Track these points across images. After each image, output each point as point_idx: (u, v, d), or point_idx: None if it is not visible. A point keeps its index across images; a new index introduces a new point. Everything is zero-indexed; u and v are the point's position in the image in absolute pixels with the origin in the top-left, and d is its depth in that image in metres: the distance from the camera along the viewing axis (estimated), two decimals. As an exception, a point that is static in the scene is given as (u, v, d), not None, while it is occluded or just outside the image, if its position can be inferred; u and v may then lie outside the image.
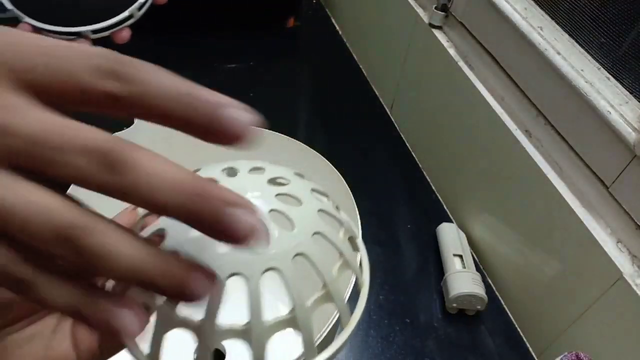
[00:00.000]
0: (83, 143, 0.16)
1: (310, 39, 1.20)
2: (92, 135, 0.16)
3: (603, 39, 0.61)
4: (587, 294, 0.61)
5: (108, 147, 0.16)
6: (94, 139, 0.16)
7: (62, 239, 0.16)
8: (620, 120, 0.56)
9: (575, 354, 0.51)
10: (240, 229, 0.17)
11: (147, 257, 0.17)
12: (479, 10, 0.75)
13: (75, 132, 0.16)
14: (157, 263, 0.17)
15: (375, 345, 0.69)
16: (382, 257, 0.79)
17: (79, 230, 0.16)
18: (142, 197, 0.16)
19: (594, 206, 0.62)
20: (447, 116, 0.85)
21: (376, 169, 0.92)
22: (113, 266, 0.17)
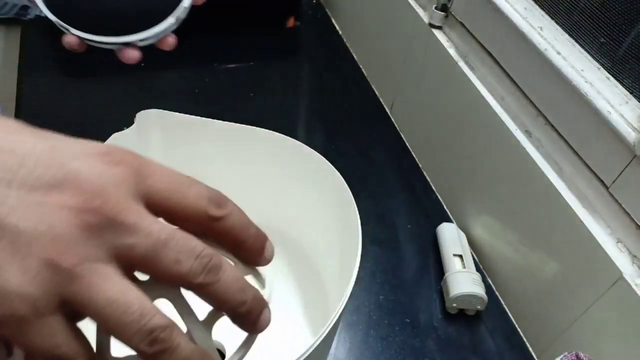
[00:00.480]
0: (194, 248, 0.22)
1: (310, 39, 1.20)
2: (199, 243, 0.23)
3: (603, 39, 0.61)
4: (587, 294, 0.61)
5: (210, 252, 0.23)
6: (201, 247, 0.23)
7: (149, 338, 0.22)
8: (620, 120, 0.56)
9: (575, 354, 0.51)
10: (264, 325, 0.28)
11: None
12: (479, 10, 0.75)
13: (188, 240, 0.22)
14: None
15: (375, 345, 0.69)
16: (382, 257, 0.79)
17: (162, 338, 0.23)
18: (222, 294, 0.24)
19: (594, 206, 0.62)
20: (447, 116, 0.85)
21: (376, 169, 0.92)
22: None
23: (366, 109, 1.05)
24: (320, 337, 0.42)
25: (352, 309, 0.72)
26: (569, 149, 0.64)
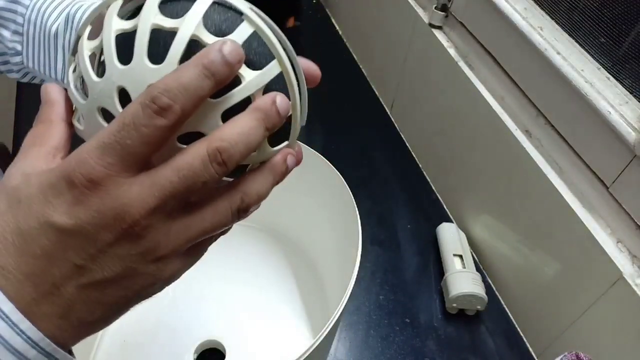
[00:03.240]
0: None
1: (310, 39, 1.20)
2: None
3: (603, 39, 0.61)
4: (587, 294, 0.61)
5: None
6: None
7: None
8: (620, 120, 0.56)
9: (575, 354, 0.51)
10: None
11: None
12: (479, 10, 0.75)
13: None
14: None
15: (375, 345, 0.69)
16: (382, 257, 0.79)
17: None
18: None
19: (594, 206, 0.62)
20: (447, 116, 0.85)
21: (376, 169, 0.92)
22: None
23: (366, 109, 1.05)
24: (320, 337, 0.42)
25: (352, 309, 0.72)
26: (569, 149, 0.64)
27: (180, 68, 0.23)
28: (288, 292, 0.69)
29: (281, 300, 0.69)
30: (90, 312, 0.26)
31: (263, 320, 0.67)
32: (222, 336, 0.64)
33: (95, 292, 0.25)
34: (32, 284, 0.24)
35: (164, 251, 0.25)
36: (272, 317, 0.67)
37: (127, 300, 0.27)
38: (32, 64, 0.43)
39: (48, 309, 0.25)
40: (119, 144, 0.23)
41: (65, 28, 0.41)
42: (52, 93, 0.28)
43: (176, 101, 0.23)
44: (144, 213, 0.24)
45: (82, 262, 0.24)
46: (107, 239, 0.24)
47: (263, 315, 0.67)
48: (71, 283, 0.25)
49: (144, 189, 0.24)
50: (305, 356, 0.41)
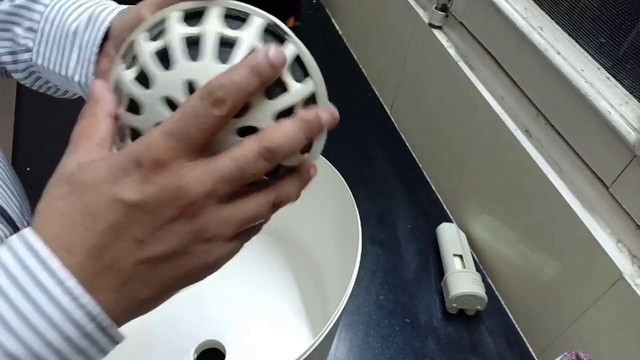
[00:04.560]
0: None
1: (310, 39, 1.20)
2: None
3: (603, 39, 0.61)
4: (587, 294, 0.61)
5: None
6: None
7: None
8: (620, 120, 0.56)
9: (575, 354, 0.51)
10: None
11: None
12: (479, 10, 0.75)
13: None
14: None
15: (375, 345, 0.69)
16: (382, 257, 0.79)
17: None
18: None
19: (594, 206, 0.62)
20: (447, 116, 0.85)
21: (376, 169, 0.92)
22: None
23: (366, 109, 1.05)
24: (320, 337, 0.42)
25: (352, 309, 0.72)
26: (569, 149, 0.64)
27: (232, 68, 0.27)
28: (288, 292, 0.70)
29: (281, 300, 0.69)
30: (142, 289, 0.28)
31: (263, 320, 0.67)
32: (222, 336, 0.64)
33: (149, 268, 0.28)
34: (94, 258, 0.27)
35: (213, 233, 0.28)
36: (272, 317, 0.67)
37: (176, 282, 0.29)
38: (41, 61, 0.43)
39: (106, 282, 0.27)
40: (181, 130, 0.26)
41: (87, 27, 0.42)
42: (97, 90, 0.31)
43: (228, 95, 0.26)
44: (201, 194, 0.27)
45: (143, 236, 0.27)
46: (168, 215, 0.27)
47: (263, 315, 0.67)
48: (130, 257, 0.27)
49: (204, 172, 0.27)
50: (305, 356, 0.41)
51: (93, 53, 0.41)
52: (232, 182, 0.27)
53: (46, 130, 0.88)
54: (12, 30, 0.44)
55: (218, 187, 0.27)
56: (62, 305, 0.26)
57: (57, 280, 0.26)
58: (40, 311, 0.25)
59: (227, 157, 0.27)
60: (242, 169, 0.27)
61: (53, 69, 0.43)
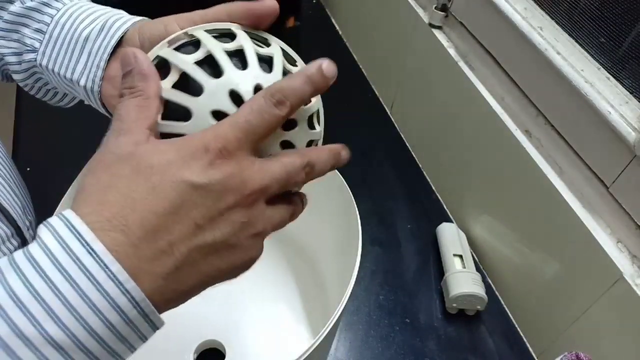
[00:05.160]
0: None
1: (310, 39, 1.20)
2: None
3: (603, 39, 0.61)
4: (587, 294, 0.61)
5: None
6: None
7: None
8: (620, 120, 0.56)
9: (575, 354, 0.51)
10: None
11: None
12: (479, 10, 0.75)
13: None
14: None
15: (375, 345, 0.69)
16: (382, 257, 0.79)
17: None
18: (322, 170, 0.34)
19: (594, 206, 0.62)
20: (447, 116, 0.85)
21: (376, 169, 0.92)
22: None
23: (366, 109, 1.05)
24: (320, 337, 0.42)
25: (352, 309, 0.72)
26: (569, 149, 0.64)
27: (291, 76, 0.31)
28: (288, 292, 0.70)
29: (281, 300, 0.69)
30: (188, 279, 0.29)
31: (263, 320, 0.67)
32: (222, 336, 0.64)
33: (200, 257, 0.28)
34: (149, 241, 0.27)
35: (260, 228, 0.30)
36: (272, 317, 0.67)
37: (218, 274, 0.30)
38: (46, 62, 0.43)
39: (157, 267, 0.27)
40: (249, 124, 0.29)
41: (99, 34, 0.42)
42: (146, 65, 0.31)
43: (288, 98, 0.30)
44: (258, 187, 0.29)
45: (202, 221, 0.28)
46: (229, 201, 0.28)
47: (263, 315, 0.67)
48: (185, 243, 0.27)
49: (262, 169, 0.29)
50: (305, 356, 0.41)
51: (103, 59, 0.41)
52: (280, 184, 0.30)
53: (46, 130, 0.88)
54: (20, 32, 0.44)
55: (270, 185, 0.29)
56: (105, 291, 0.25)
57: (101, 265, 0.25)
58: (83, 296, 0.25)
59: (278, 161, 0.30)
60: (290, 175, 0.30)
61: (58, 71, 0.43)
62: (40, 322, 0.25)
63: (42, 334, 0.25)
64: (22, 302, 0.25)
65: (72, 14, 0.44)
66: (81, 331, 0.25)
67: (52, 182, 0.56)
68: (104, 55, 0.41)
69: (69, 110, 0.53)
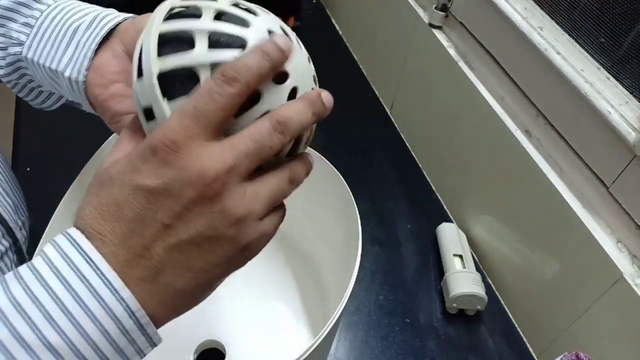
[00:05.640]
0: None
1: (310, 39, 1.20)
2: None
3: (603, 39, 0.61)
4: (587, 294, 0.61)
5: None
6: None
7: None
8: (620, 120, 0.56)
9: (575, 354, 0.51)
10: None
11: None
12: (479, 10, 0.75)
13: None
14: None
15: (375, 345, 0.69)
16: (382, 257, 0.79)
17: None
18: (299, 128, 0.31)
19: (594, 206, 0.62)
20: (447, 116, 0.85)
21: (376, 169, 0.92)
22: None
23: (366, 109, 1.05)
24: (320, 337, 0.42)
25: (352, 309, 0.72)
26: (569, 149, 0.64)
27: (244, 53, 0.29)
28: (288, 292, 0.69)
29: (281, 300, 0.69)
30: (177, 279, 0.28)
31: (263, 320, 0.67)
32: (222, 336, 0.64)
33: (181, 254, 0.28)
34: (125, 247, 0.27)
35: (241, 212, 0.28)
36: (272, 317, 0.67)
37: (213, 268, 0.29)
38: (32, 54, 0.43)
39: (139, 272, 0.27)
40: (196, 109, 0.27)
41: (89, 27, 0.42)
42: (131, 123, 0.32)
43: (240, 74, 0.28)
44: (222, 170, 0.27)
45: (170, 220, 0.27)
46: (191, 195, 0.27)
47: (263, 315, 0.67)
48: (160, 244, 0.27)
49: (223, 150, 0.27)
50: (305, 356, 0.41)
51: (91, 49, 0.41)
52: (252, 157, 0.28)
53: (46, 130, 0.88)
54: (7, 26, 0.44)
55: (239, 163, 0.28)
56: (102, 298, 0.26)
57: (97, 272, 0.26)
58: (80, 302, 0.25)
59: (244, 135, 0.28)
60: (259, 142, 0.28)
61: (43, 63, 0.43)
62: (40, 328, 0.25)
63: (40, 339, 0.25)
64: (22, 308, 0.25)
65: (63, 8, 0.44)
66: (79, 339, 0.25)
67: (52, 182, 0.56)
68: (92, 45, 0.41)
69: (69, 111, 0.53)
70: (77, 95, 0.43)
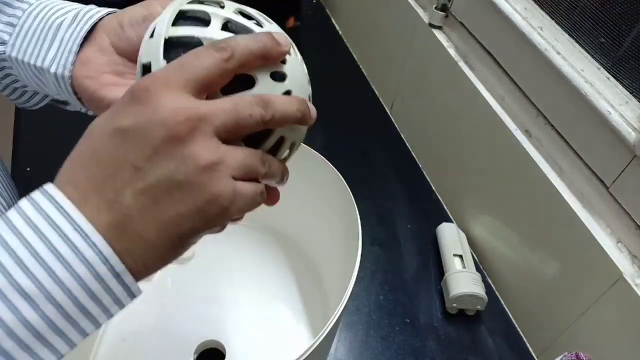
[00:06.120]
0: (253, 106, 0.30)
1: (310, 39, 1.20)
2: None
3: (603, 39, 0.61)
4: (587, 294, 0.61)
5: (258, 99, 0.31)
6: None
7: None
8: (620, 120, 0.56)
9: (575, 354, 0.51)
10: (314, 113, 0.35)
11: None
12: (479, 10, 0.75)
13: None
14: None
15: (375, 345, 0.69)
16: (382, 257, 0.79)
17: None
18: (283, 117, 0.31)
19: (594, 206, 0.62)
20: (447, 116, 0.85)
21: (376, 169, 0.92)
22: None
23: (366, 109, 1.05)
24: (320, 337, 0.42)
25: (352, 309, 0.72)
26: (569, 149, 0.64)
27: (240, 36, 0.31)
28: (288, 292, 0.70)
29: (281, 300, 0.69)
30: (147, 226, 0.28)
31: (263, 320, 0.67)
32: (222, 336, 0.64)
33: (150, 201, 0.28)
34: (97, 192, 0.27)
35: (212, 158, 0.28)
36: (272, 317, 0.67)
37: (182, 220, 0.28)
38: (15, 53, 0.43)
39: (109, 217, 0.27)
40: (180, 63, 0.29)
41: (72, 22, 0.42)
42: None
43: (229, 45, 0.30)
44: (194, 116, 0.28)
45: (140, 163, 0.27)
46: (160, 134, 0.27)
47: (263, 315, 0.67)
48: (129, 188, 0.27)
49: (202, 103, 0.29)
50: (305, 356, 0.41)
51: (76, 44, 0.41)
52: (228, 115, 0.29)
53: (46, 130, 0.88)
54: None
55: (213, 115, 0.28)
56: (72, 243, 0.26)
57: (67, 218, 0.26)
58: (51, 248, 0.26)
59: (226, 99, 0.30)
60: (239, 106, 0.29)
61: (28, 61, 0.43)
62: (10, 272, 0.25)
63: (12, 283, 0.25)
64: None
65: (46, 6, 0.44)
66: (51, 283, 0.26)
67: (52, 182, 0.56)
68: (77, 40, 0.41)
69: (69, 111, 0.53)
70: (63, 91, 0.43)
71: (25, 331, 0.26)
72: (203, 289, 0.68)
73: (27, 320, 0.25)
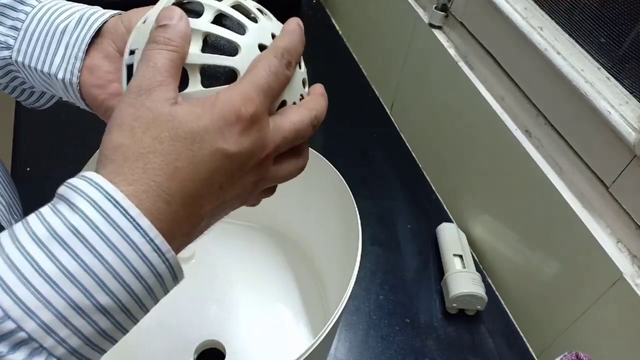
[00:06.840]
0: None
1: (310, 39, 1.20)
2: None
3: (603, 39, 0.61)
4: (587, 294, 0.61)
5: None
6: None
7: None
8: (620, 120, 0.56)
9: (575, 354, 0.51)
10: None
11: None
12: (479, 10, 0.75)
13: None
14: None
15: (375, 345, 0.69)
16: (382, 257, 0.79)
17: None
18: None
19: (594, 206, 0.62)
20: (447, 116, 0.85)
21: (376, 169, 0.92)
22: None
23: (366, 109, 1.05)
24: (320, 337, 0.42)
25: (352, 309, 0.72)
26: (569, 149, 0.64)
27: (290, 36, 0.33)
28: (288, 292, 0.70)
29: (281, 300, 0.69)
30: (202, 230, 0.31)
31: (263, 320, 0.67)
32: (222, 336, 0.64)
33: (217, 212, 0.31)
34: (185, 205, 0.28)
35: (264, 185, 0.33)
36: (272, 317, 0.67)
37: (218, 219, 0.33)
38: (22, 58, 0.43)
39: (186, 228, 0.29)
40: (270, 87, 0.30)
41: (77, 26, 0.42)
42: (186, 27, 0.31)
43: (293, 58, 0.32)
44: (272, 149, 0.31)
45: (225, 184, 0.30)
46: (251, 165, 0.30)
47: (263, 315, 0.67)
48: (211, 203, 0.30)
49: (276, 129, 0.31)
50: (305, 356, 0.41)
51: (81, 50, 0.41)
52: (289, 144, 0.32)
53: (46, 130, 0.88)
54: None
55: (281, 145, 0.31)
56: (145, 256, 0.27)
57: (149, 243, 0.27)
58: (127, 264, 0.26)
59: (288, 120, 0.32)
60: (298, 132, 0.32)
61: (35, 66, 0.43)
62: (93, 294, 0.26)
63: (94, 304, 0.26)
64: (74, 277, 0.25)
65: (49, 9, 0.43)
66: (126, 296, 0.27)
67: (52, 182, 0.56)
68: (82, 46, 0.41)
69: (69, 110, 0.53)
70: (72, 95, 0.43)
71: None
72: (203, 289, 0.68)
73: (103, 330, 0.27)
